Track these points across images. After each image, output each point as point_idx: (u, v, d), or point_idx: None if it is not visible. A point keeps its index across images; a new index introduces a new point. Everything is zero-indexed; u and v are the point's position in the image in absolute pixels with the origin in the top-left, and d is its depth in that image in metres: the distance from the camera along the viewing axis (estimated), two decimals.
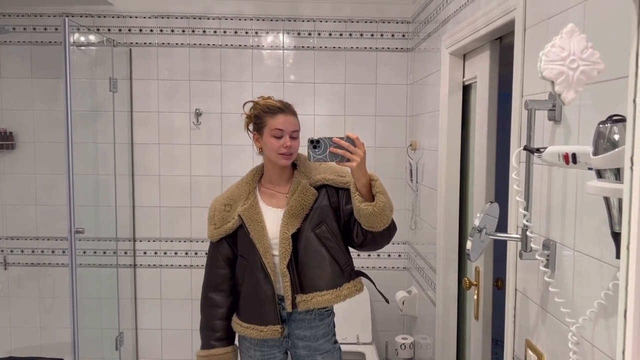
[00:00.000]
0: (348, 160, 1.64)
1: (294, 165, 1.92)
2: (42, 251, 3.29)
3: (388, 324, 3.35)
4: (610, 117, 0.90)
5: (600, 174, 0.91)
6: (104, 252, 3.18)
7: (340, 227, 1.86)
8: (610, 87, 1.04)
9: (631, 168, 0.74)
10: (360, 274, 1.93)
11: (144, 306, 3.33)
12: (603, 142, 0.89)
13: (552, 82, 0.75)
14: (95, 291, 3.10)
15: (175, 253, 3.31)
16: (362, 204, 1.68)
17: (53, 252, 3.28)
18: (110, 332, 3.14)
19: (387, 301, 2.09)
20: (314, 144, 1.65)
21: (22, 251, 3.30)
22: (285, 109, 1.83)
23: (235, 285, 1.93)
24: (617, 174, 0.87)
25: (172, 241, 3.30)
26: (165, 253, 3.31)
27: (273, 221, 1.85)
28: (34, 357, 3.08)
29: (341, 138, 1.64)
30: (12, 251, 3.30)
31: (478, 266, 2.13)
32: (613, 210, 0.93)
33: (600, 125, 0.91)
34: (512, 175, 1.27)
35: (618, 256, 0.92)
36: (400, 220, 2.43)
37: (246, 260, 1.86)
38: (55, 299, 3.29)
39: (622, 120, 0.88)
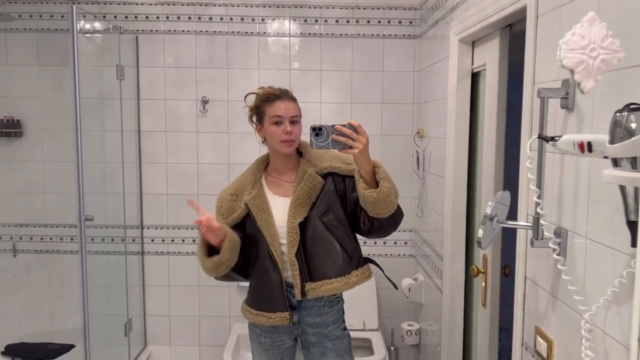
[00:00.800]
0: (350, 147, 1.64)
1: (299, 154, 1.92)
2: (51, 238, 3.31)
3: (394, 310, 3.37)
4: (627, 106, 0.90)
5: (616, 163, 0.91)
6: (112, 240, 3.20)
7: (347, 215, 1.86)
8: (625, 75, 1.04)
9: None
10: (369, 260, 1.94)
11: (152, 293, 3.36)
12: (620, 131, 0.89)
13: (572, 71, 0.75)
14: (104, 278, 3.12)
15: (183, 240, 3.33)
16: (366, 190, 1.69)
17: (61, 239, 3.30)
18: (119, 318, 3.18)
19: (395, 287, 2.11)
20: (316, 131, 1.65)
21: (31, 238, 3.32)
22: (283, 94, 1.83)
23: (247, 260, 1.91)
24: (634, 162, 0.88)
25: (179, 228, 3.32)
26: (172, 240, 3.33)
27: (280, 210, 1.86)
28: (45, 343, 3.11)
29: (343, 125, 1.64)
30: (21, 238, 3.32)
31: (486, 254, 2.14)
32: (629, 199, 0.93)
33: (617, 114, 0.91)
34: (526, 163, 1.27)
35: (634, 244, 0.92)
36: (407, 207, 2.44)
37: (254, 248, 1.88)
38: (64, 286, 3.32)
39: (639, 109, 0.88)
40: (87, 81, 2.82)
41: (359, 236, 1.92)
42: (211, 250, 1.80)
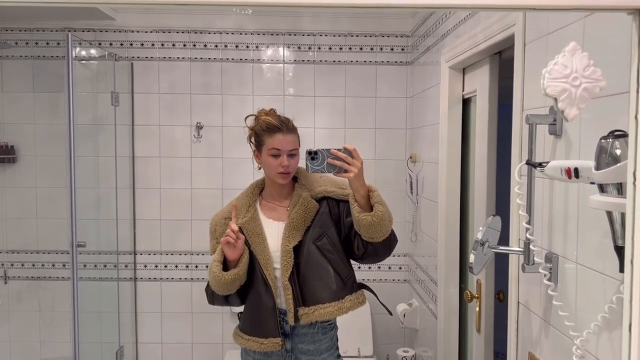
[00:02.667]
0: (346, 171, 1.66)
1: (294, 178, 1.93)
2: (43, 265, 3.28)
3: (389, 336, 3.34)
4: (612, 132, 0.91)
5: (602, 189, 0.92)
6: (105, 266, 3.17)
7: (341, 240, 1.86)
8: (610, 102, 1.06)
9: (634, 183, 0.75)
10: (363, 286, 1.93)
11: (145, 320, 3.32)
12: (605, 157, 0.90)
13: (555, 99, 0.76)
14: (96, 305, 3.09)
15: (176, 266, 3.30)
16: (361, 214, 1.69)
17: (53, 265, 3.28)
18: (111, 346, 3.13)
19: (390, 313, 2.10)
20: (312, 155, 1.67)
21: (23, 265, 3.29)
22: (284, 126, 1.83)
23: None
24: (620, 188, 0.89)
25: (172, 254, 3.30)
26: (165, 266, 3.30)
27: (274, 234, 1.86)
28: None
29: (339, 149, 1.66)
30: (12, 265, 3.29)
31: (479, 279, 2.13)
32: (616, 225, 0.94)
33: (602, 140, 0.92)
34: (515, 189, 1.29)
35: (621, 270, 0.92)
36: (401, 232, 2.44)
37: (248, 272, 1.87)
38: (55, 313, 3.28)
39: (624, 135, 0.89)
40: (81, 107, 2.84)
41: (353, 262, 1.92)
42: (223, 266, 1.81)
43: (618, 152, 0.89)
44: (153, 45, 3.22)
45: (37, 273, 3.29)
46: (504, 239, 1.57)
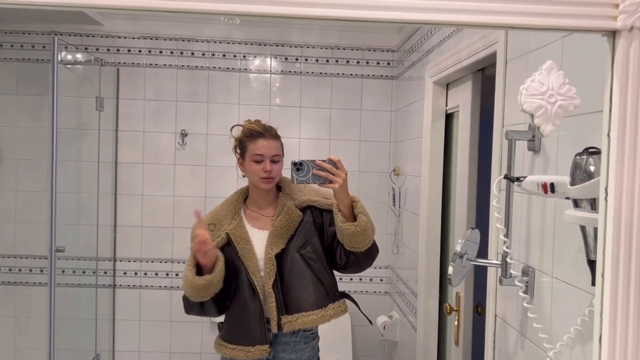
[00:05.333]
0: (330, 182, 1.68)
1: (278, 188, 1.94)
2: (19, 269, 3.23)
3: (369, 348, 3.34)
4: (586, 149, 0.94)
5: (577, 203, 0.95)
6: (83, 272, 3.13)
7: (325, 249, 1.88)
8: (586, 120, 1.09)
9: (606, 199, 0.78)
10: (345, 295, 1.95)
11: (122, 328, 3.27)
12: (579, 173, 0.93)
13: (532, 115, 0.79)
14: (73, 311, 3.04)
15: (156, 274, 3.27)
16: (344, 224, 1.72)
17: (31, 270, 3.22)
18: (87, 354, 3.08)
19: (370, 322, 2.11)
20: (297, 166, 1.69)
21: None
22: (266, 132, 1.85)
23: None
24: (593, 203, 0.91)
25: (152, 262, 3.27)
26: (145, 274, 3.27)
27: (258, 243, 1.86)
28: None
29: (323, 160, 1.68)
30: None
31: (459, 292, 2.15)
32: (589, 239, 0.97)
33: (577, 157, 0.95)
34: (493, 203, 1.31)
35: (594, 283, 0.95)
36: (383, 244, 2.46)
37: (233, 279, 1.86)
38: (30, 319, 3.22)
39: (598, 152, 0.92)
40: (65, 111, 2.82)
41: (335, 272, 1.93)
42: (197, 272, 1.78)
43: (592, 168, 0.91)
44: (140, 51, 3.22)
45: (14, 278, 3.23)
46: (484, 252, 1.59)
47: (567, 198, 0.98)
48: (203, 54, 3.24)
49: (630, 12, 0.73)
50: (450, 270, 1.33)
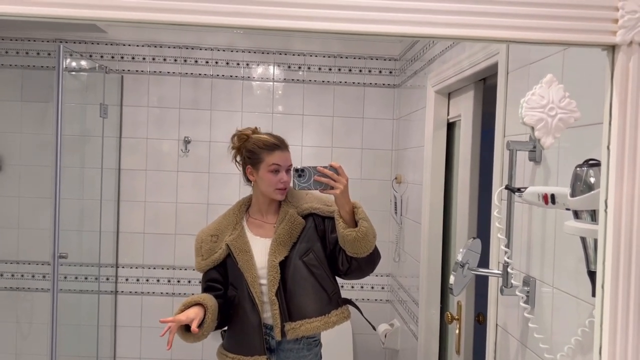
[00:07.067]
0: (332, 188, 1.70)
1: None
2: (22, 275, 3.24)
3: (370, 356, 3.33)
4: (586, 161, 0.95)
5: (577, 215, 0.96)
6: (86, 278, 3.14)
7: (327, 255, 1.89)
8: (587, 132, 1.10)
9: (605, 210, 0.79)
10: (347, 301, 1.96)
11: (124, 334, 3.28)
12: (580, 185, 0.94)
13: (533, 128, 0.80)
14: (75, 317, 3.05)
15: (158, 280, 3.28)
16: (346, 230, 1.73)
17: (33, 276, 3.23)
18: (88, 359, 3.08)
19: (374, 328, 2.12)
20: (299, 172, 1.71)
21: (2, 275, 3.24)
22: (281, 144, 1.90)
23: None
24: (593, 215, 0.92)
25: (154, 268, 3.28)
26: (147, 280, 3.28)
27: (260, 250, 1.87)
28: None
29: (325, 167, 1.70)
30: None
31: (460, 301, 2.16)
32: (589, 250, 0.97)
33: (578, 169, 0.96)
34: (494, 213, 1.32)
35: (594, 294, 0.95)
36: (384, 252, 2.46)
37: (235, 289, 1.88)
38: (32, 325, 3.23)
39: (598, 164, 0.93)
40: (69, 118, 2.84)
41: (337, 279, 1.94)
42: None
43: (592, 180, 0.92)
44: (144, 59, 3.24)
45: (17, 284, 3.24)
46: (485, 262, 1.60)
47: (568, 209, 0.99)
48: (207, 62, 3.26)
49: (629, 27, 0.75)
50: (451, 279, 1.33)
